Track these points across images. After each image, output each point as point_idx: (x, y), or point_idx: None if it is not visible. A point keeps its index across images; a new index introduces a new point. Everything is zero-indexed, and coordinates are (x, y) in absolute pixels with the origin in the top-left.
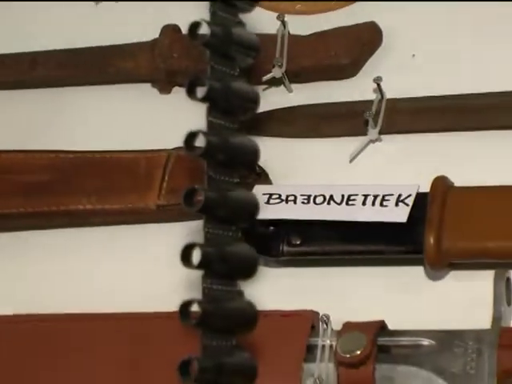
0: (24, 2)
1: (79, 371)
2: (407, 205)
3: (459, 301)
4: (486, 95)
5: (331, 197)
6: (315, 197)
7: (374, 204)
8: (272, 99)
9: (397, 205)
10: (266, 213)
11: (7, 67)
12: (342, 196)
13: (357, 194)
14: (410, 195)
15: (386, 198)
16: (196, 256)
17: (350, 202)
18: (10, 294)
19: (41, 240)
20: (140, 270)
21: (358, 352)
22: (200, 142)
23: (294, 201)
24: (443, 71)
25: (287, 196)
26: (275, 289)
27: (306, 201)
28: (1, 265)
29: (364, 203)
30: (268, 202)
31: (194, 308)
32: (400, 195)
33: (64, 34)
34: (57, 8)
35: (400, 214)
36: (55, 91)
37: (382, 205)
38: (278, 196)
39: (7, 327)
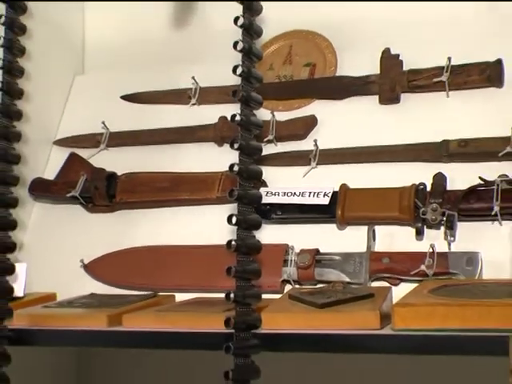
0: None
1: (184, 271)
2: (328, 196)
3: (354, 238)
4: (375, 147)
5: (295, 193)
6: (288, 193)
7: (314, 196)
8: (268, 149)
9: (324, 196)
10: (265, 200)
11: (149, 136)
12: (300, 192)
13: (306, 191)
14: (330, 192)
15: (319, 193)
16: (233, 219)
17: (304, 195)
18: (154, 237)
19: (161, 214)
20: (208, 226)
21: (307, 262)
22: (235, 168)
23: (278, 195)
24: (346, 137)
25: (275, 193)
26: (269, 234)
27: (283, 195)
28: (149, 224)
29: (309, 195)
30: (266, 195)
31: (233, 243)
32: (325, 192)
33: (173, 121)
34: (166, 109)
35: (325, 200)
36: (171, 146)
37: (317, 196)
38: (270, 192)
39: (159, 249)
